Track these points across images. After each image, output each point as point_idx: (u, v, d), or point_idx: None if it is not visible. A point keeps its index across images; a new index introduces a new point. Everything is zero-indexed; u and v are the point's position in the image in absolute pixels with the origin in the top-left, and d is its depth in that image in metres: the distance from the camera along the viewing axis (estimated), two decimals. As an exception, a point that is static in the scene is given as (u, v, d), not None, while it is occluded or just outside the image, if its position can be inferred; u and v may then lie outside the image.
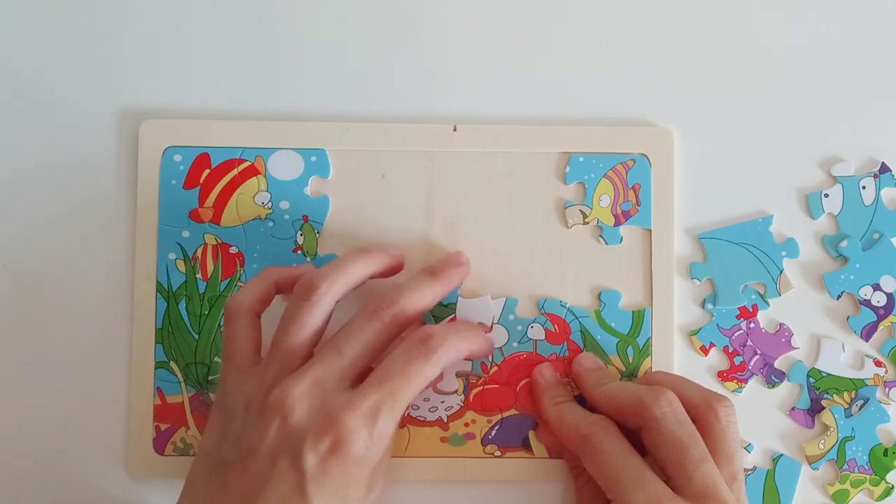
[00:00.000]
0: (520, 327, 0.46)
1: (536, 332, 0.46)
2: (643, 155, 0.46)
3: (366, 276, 0.42)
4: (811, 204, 0.47)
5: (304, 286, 0.41)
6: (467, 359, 0.45)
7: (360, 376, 0.40)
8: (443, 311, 0.46)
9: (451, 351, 0.40)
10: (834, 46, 0.48)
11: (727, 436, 0.41)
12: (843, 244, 0.47)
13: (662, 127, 0.47)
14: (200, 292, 0.46)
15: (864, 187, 0.47)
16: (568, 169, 0.46)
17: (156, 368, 0.45)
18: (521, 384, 0.46)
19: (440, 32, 0.48)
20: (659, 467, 0.40)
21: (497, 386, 0.46)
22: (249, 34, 0.48)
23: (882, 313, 0.46)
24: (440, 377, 0.44)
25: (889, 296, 0.46)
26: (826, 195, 0.47)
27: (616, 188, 0.46)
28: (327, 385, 0.38)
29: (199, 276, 0.46)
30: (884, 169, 0.47)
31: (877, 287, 0.46)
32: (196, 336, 0.46)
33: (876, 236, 0.47)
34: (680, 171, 0.47)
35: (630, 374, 0.46)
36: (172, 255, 0.46)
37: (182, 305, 0.46)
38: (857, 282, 0.46)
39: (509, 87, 0.47)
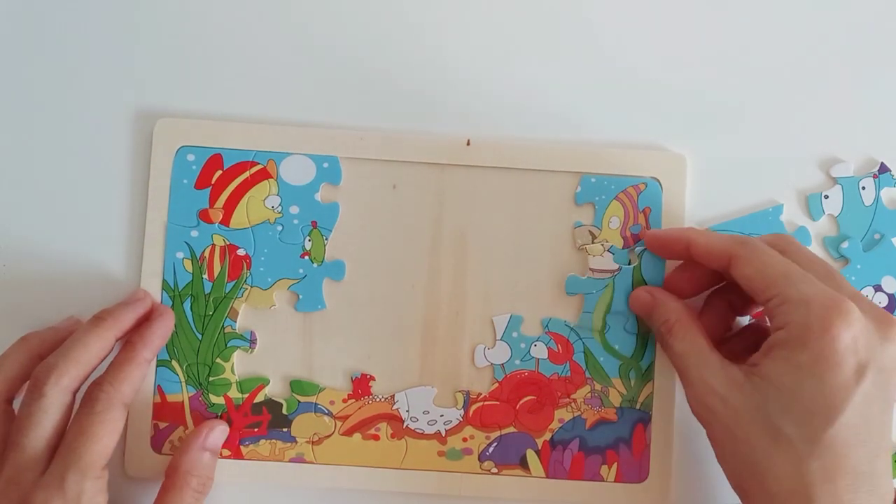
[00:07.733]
0: (523, 345, 0.46)
1: (539, 351, 0.46)
2: (655, 179, 0.46)
3: (100, 354, 0.41)
4: (811, 205, 0.47)
5: (32, 382, 0.40)
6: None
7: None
8: None
9: (125, 388, 0.41)
10: (834, 47, 0.48)
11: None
12: (844, 245, 0.46)
13: (675, 152, 0.47)
14: (206, 293, 0.46)
15: (863, 188, 0.47)
16: (579, 189, 0.46)
17: (157, 366, 0.45)
18: (521, 402, 0.46)
19: (458, 48, 0.48)
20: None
21: (497, 403, 0.46)
22: (267, 39, 0.48)
23: (883, 314, 0.46)
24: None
25: (890, 296, 0.46)
26: (826, 196, 0.47)
27: (626, 210, 0.46)
28: (21, 480, 0.39)
29: (205, 276, 0.46)
30: (883, 169, 0.47)
31: (878, 288, 0.46)
32: (199, 336, 0.46)
33: (877, 237, 0.47)
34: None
35: (631, 399, 0.46)
36: (180, 255, 0.46)
37: (187, 305, 0.46)
38: (858, 283, 0.46)
39: (524, 106, 0.47)
